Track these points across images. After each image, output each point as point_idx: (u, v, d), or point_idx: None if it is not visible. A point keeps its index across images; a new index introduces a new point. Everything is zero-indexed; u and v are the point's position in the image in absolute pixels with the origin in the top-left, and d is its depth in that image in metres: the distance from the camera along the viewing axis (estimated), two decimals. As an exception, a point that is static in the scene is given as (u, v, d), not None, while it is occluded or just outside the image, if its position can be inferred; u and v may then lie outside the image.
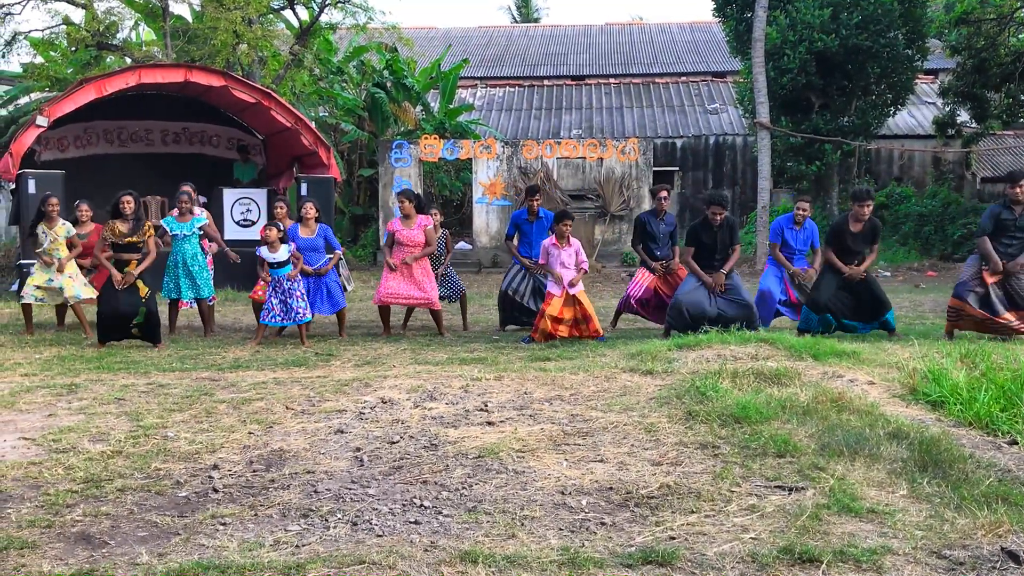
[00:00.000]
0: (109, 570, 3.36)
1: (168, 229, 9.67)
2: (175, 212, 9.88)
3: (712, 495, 4.11)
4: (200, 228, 9.84)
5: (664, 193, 9.94)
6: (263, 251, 9.01)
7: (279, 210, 9.90)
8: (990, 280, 8.40)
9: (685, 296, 8.85)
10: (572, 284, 8.91)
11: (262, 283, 9.20)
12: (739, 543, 3.55)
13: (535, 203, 9.97)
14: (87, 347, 8.82)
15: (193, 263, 9.67)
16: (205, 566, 3.35)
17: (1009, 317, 8.40)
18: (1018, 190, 8.39)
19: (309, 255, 9.41)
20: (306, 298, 9.09)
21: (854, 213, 8.80)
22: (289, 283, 8.96)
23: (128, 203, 8.89)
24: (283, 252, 8.98)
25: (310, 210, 9.58)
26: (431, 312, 9.82)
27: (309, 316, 9.09)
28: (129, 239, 8.85)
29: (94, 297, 9.79)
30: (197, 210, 10.25)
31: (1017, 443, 4.89)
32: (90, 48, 20.14)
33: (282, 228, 9.07)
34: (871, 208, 8.82)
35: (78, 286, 9.80)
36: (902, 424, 5.07)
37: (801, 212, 9.64)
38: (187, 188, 10.04)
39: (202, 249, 10.01)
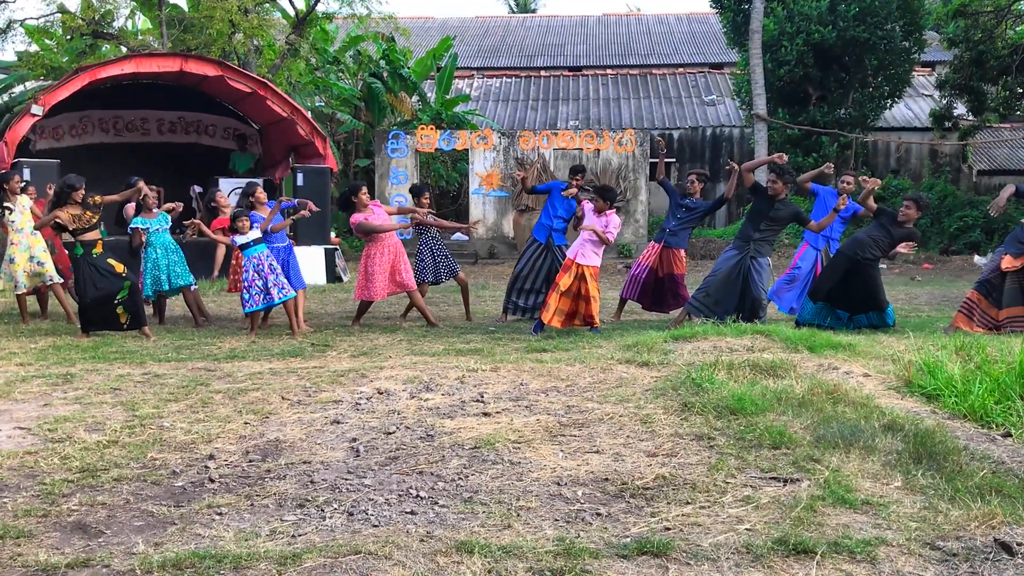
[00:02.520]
0: (105, 559, 3.37)
1: (142, 227, 9.65)
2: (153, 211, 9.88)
3: (707, 486, 4.12)
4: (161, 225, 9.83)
5: (692, 176, 10.08)
6: (236, 239, 9.05)
7: (260, 194, 9.89)
8: (1005, 266, 8.36)
9: (713, 277, 8.89)
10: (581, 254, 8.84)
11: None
12: (734, 534, 3.56)
13: (578, 182, 9.89)
14: (78, 338, 8.81)
15: (174, 252, 9.70)
16: (201, 556, 3.35)
17: (1012, 312, 8.39)
18: None
19: (271, 234, 9.53)
20: (280, 276, 9.06)
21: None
22: (259, 260, 8.95)
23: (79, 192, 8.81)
24: (254, 232, 9.01)
25: (261, 193, 9.71)
26: (409, 295, 9.80)
27: (292, 292, 9.05)
28: (84, 219, 8.78)
29: (62, 281, 9.88)
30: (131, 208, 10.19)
31: (1011, 435, 4.90)
32: (85, 37, 20.07)
33: (246, 217, 9.08)
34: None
35: (52, 265, 9.86)
36: (897, 416, 5.08)
37: (848, 185, 9.65)
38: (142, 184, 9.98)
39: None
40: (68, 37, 20.53)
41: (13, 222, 9.79)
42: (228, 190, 15.39)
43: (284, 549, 3.44)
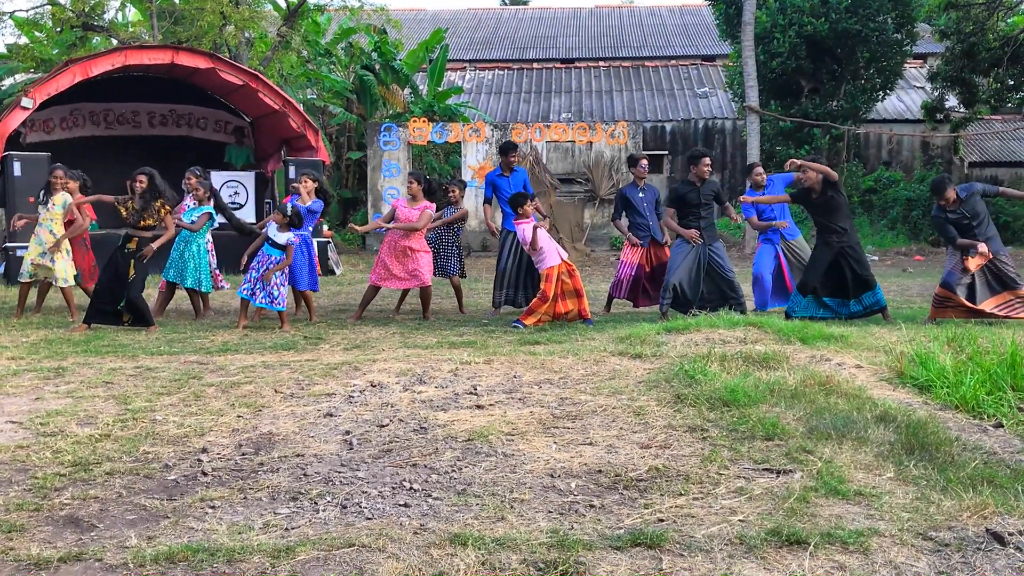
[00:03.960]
0: (98, 553, 3.36)
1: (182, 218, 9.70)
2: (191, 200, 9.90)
3: (700, 478, 4.12)
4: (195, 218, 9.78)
5: (644, 162, 10.05)
6: (269, 231, 9.05)
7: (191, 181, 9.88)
8: (973, 267, 8.49)
9: (675, 275, 8.95)
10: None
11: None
12: (727, 525, 3.57)
13: (513, 160, 9.99)
14: (73, 330, 8.77)
15: (197, 252, 9.66)
16: (194, 549, 3.35)
17: (991, 303, 8.51)
18: (944, 203, 8.62)
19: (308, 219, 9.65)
20: (284, 288, 9.05)
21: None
22: (268, 265, 8.93)
23: (140, 182, 8.86)
24: (283, 237, 8.98)
25: (307, 182, 9.83)
26: (420, 291, 9.80)
27: (280, 307, 9.02)
28: (143, 220, 8.81)
29: (74, 286, 9.80)
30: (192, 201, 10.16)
31: (1003, 426, 4.93)
32: (76, 29, 19.99)
33: (288, 214, 9.04)
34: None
35: (69, 269, 9.72)
36: (889, 407, 5.10)
37: (757, 176, 9.87)
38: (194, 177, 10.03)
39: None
40: (58, 29, 20.44)
41: (40, 214, 9.72)
42: (220, 182, 15.38)
43: (277, 542, 3.43)
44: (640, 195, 9.91)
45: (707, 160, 9.16)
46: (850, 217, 9.11)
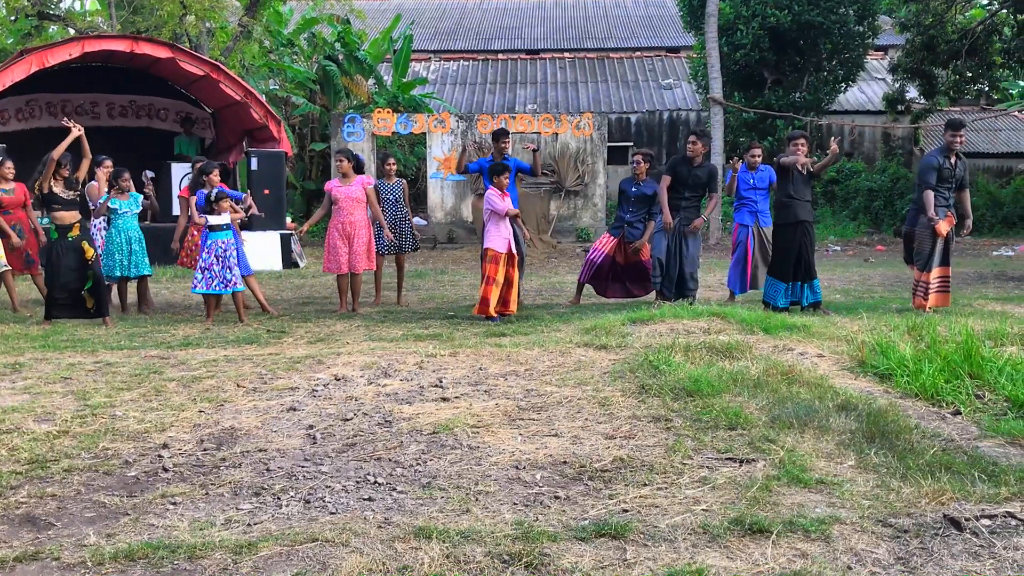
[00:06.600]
0: (55, 552, 3.30)
1: (113, 207, 9.51)
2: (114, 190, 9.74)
3: (664, 468, 4.14)
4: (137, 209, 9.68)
5: (637, 157, 9.97)
6: (210, 219, 8.92)
7: (214, 177, 9.76)
8: (944, 231, 8.57)
9: (659, 250, 9.15)
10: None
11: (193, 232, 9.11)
12: (691, 515, 3.59)
13: (504, 147, 9.85)
14: (32, 325, 8.62)
15: (137, 241, 9.56)
16: (155, 546, 3.30)
17: (938, 272, 8.64)
18: (955, 142, 8.60)
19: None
20: (237, 268, 9.00)
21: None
22: (225, 247, 8.86)
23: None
24: (225, 216, 8.92)
25: (215, 176, 9.65)
26: (353, 277, 9.73)
27: (241, 287, 8.98)
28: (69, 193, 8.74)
29: (10, 269, 9.59)
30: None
31: (960, 413, 5.01)
32: (31, 18, 19.60)
33: (229, 196, 9.02)
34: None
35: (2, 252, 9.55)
36: (851, 396, 5.16)
37: (753, 158, 9.86)
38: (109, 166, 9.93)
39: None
40: (12, 18, 20.04)
41: None
42: (180, 175, 15.17)
43: (239, 538, 3.39)
44: (632, 191, 9.85)
45: (693, 139, 9.25)
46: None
